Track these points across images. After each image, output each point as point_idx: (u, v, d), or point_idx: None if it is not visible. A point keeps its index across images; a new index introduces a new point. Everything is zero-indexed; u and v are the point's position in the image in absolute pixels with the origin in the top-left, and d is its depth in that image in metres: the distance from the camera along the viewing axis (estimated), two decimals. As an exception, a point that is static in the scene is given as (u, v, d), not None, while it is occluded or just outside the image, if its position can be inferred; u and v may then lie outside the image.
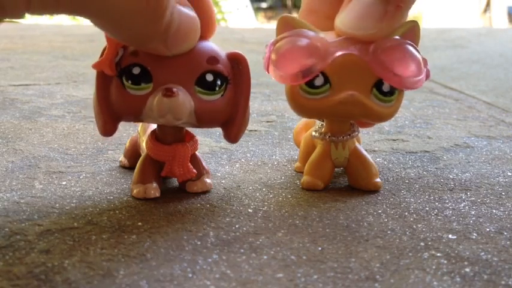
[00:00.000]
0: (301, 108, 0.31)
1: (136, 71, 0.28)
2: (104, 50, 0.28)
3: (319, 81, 0.29)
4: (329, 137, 0.32)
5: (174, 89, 0.28)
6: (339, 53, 0.29)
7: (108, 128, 0.29)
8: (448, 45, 1.21)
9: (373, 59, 0.29)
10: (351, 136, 0.32)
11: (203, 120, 0.29)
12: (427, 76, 0.30)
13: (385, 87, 0.29)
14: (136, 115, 0.29)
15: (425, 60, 0.30)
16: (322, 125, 0.33)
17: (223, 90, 0.29)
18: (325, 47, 0.29)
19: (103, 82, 0.29)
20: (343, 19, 0.29)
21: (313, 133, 0.33)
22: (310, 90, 0.30)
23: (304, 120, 0.38)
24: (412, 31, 0.30)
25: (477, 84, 0.73)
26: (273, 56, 0.29)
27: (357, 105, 0.29)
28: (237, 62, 0.30)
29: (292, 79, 0.29)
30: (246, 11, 3.38)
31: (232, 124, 0.30)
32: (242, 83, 0.30)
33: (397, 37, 0.30)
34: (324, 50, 0.29)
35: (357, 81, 0.29)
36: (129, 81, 0.28)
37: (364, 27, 0.29)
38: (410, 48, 0.29)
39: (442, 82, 0.75)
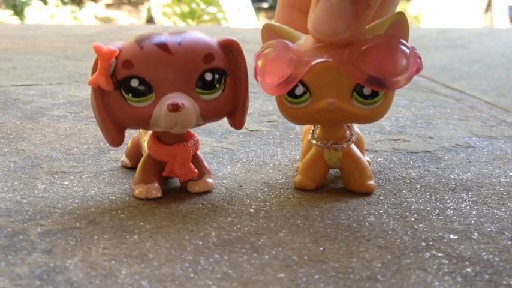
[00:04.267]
0: (289, 116, 0.31)
1: (135, 83, 0.28)
2: (95, 64, 0.28)
3: (299, 90, 0.29)
4: (331, 144, 0.32)
5: (180, 103, 0.27)
6: (314, 62, 0.28)
7: (115, 138, 0.29)
8: (449, 45, 1.21)
9: (349, 64, 0.28)
10: (351, 141, 0.32)
11: (209, 118, 0.30)
12: (418, 70, 0.29)
13: (366, 91, 0.29)
14: (143, 125, 0.29)
15: (414, 53, 0.29)
16: (315, 128, 0.33)
17: (224, 85, 0.29)
18: (300, 57, 0.29)
19: (101, 96, 0.28)
20: (315, 23, 0.28)
21: (313, 141, 0.33)
22: (292, 100, 0.30)
23: None
24: (399, 24, 0.29)
25: (478, 84, 0.73)
26: (259, 65, 0.30)
27: (337, 112, 0.29)
28: (230, 48, 0.30)
29: (274, 90, 0.30)
30: (247, 11, 3.38)
31: (236, 111, 0.31)
32: (239, 69, 0.30)
33: (378, 34, 0.28)
34: (298, 60, 0.28)
35: (336, 88, 0.29)
36: (130, 95, 0.28)
37: (337, 32, 0.28)
38: (389, 46, 0.28)
39: (443, 82, 0.75)
